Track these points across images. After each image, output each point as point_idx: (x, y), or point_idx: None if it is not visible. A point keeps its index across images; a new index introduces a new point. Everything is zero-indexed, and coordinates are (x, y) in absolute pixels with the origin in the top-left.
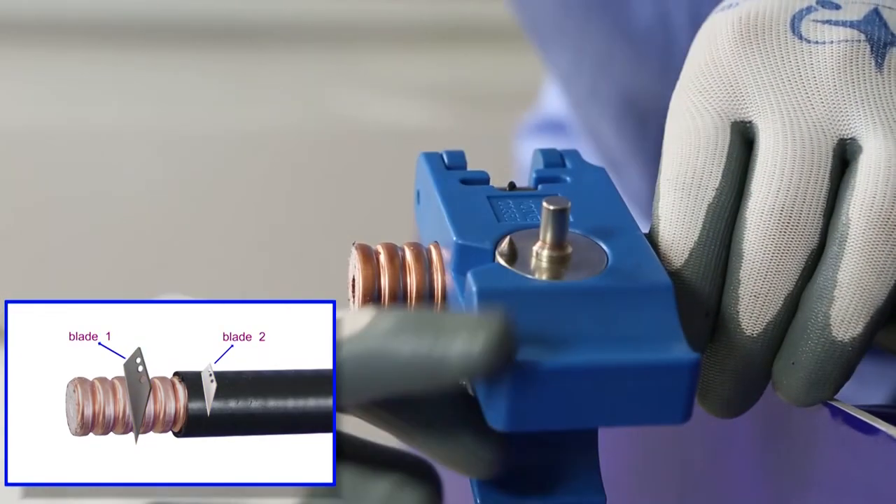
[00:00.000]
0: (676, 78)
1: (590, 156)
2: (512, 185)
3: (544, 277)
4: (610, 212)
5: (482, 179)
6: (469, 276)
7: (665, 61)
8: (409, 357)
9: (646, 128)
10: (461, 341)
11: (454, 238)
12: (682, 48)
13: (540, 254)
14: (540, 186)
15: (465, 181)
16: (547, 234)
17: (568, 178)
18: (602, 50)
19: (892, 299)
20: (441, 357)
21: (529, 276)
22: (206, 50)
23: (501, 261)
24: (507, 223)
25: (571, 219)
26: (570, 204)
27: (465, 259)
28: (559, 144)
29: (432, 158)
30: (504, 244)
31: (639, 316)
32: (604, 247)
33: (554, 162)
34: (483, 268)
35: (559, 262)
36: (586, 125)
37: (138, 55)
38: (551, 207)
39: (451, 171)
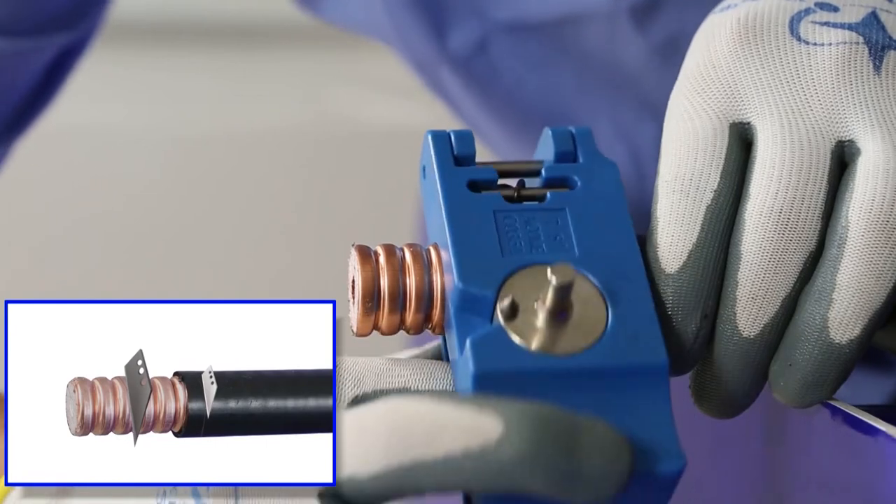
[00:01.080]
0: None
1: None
2: (521, 185)
3: (540, 343)
4: (615, 237)
5: (490, 181)
6: (468, 350)
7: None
8: (542, 489)
9: None
10: (600, 465)
11: (457, 282)
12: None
13: (539, 314)
14: (549, 195)
15: (472, 184)
16: (548, 301)
17: (578, 182)
18: None
19: (890, 301)
20: (576, 485)
21: (525, 349)
22: (206, 50)
23: (501, 319)
24: (512, 258)
25: (577, 251)
26: (574, 277)
27: (466, 303)
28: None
29: (440, 142)
30: (506, 302)
31: (632, 398)
32: (605, 297)
33: (566, 152)
34: (481, 337)
35: (558, 325)
36: None
37: (138, 55)
38: (555, 282)
39: (459, 167)
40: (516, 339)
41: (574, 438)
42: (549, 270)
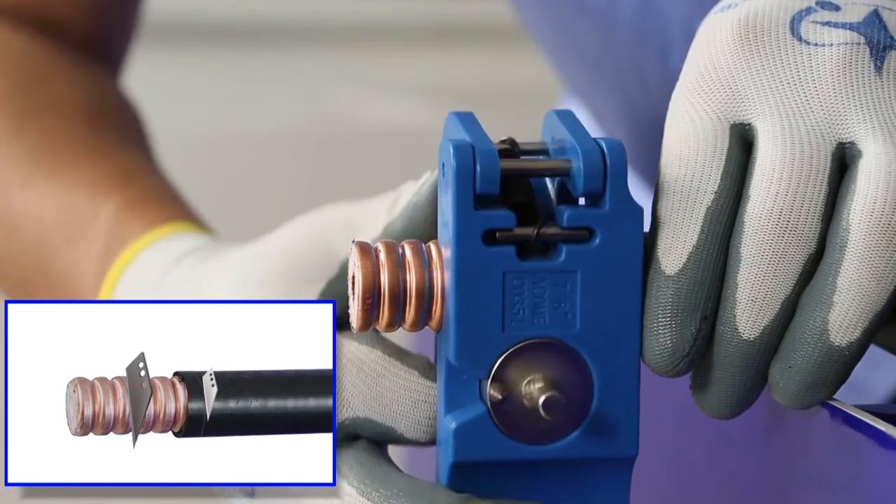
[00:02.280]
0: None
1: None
2: (540, 223)
3: (521, 434)
4: (619, 311)
5: (506, 230)
6: (450, 436)
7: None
8: None
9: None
10: None
11: (451, 358)
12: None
13: (526, 403)
14: (564, 251)
15: (488, 234)
16: (537, 405)
17: (598, 235)
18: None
19: (891, 304)
20: None
21: (508, 438)
22: (207, 50)
23: (489, 402)
24: (512, 333)
25: (578, 325)
26: (563, 402)
27: (457, 379)
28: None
29: (462, 174)
30: (496, 391)
31: (596, 482)
32: (594, 383)
33: (594, 191)
34: (465, 425)
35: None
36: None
37: (138, 55)
38: (543, 413)
39: (477, 211)
40: (500, 426)
41: None
42: (539, 402)
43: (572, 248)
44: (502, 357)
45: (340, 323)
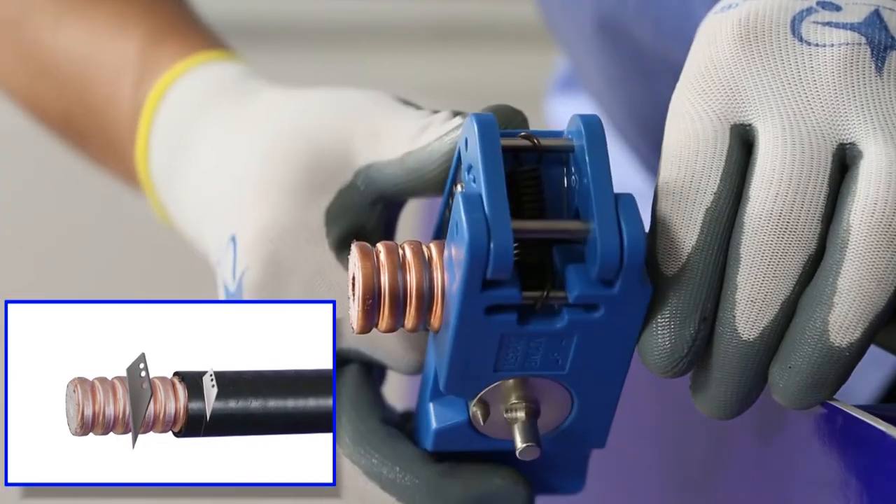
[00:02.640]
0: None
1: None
2: (547, 288)
3: (500, 438)
4: (610, 366)
5: (511, 305)
6: (431, 434)
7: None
8: None
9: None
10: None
11: (441, 388)
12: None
13: (506, 421)
14: (567, 316)
15: (490, 308)
16: (515, 431)
17: (602, 311)
18: None
19: (891, 305)
20: None
21: (485, 438)
22: None
23: (470, 416)
24: (502, 373)
25: (567, 370)
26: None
27: (443, 398)
28: (581, 104)
29: (476, 256)
30: (478, 411)
31: (561, 461)
32: (574, 402)
33: (611, 266)
34: (445, 429)
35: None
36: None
37: None
38: (519, 456)
39: (485, 291)
40: (479, 431)
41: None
42: (517, 448)
43: (575, 314)
44: (489, 387)
45: (347, 237)
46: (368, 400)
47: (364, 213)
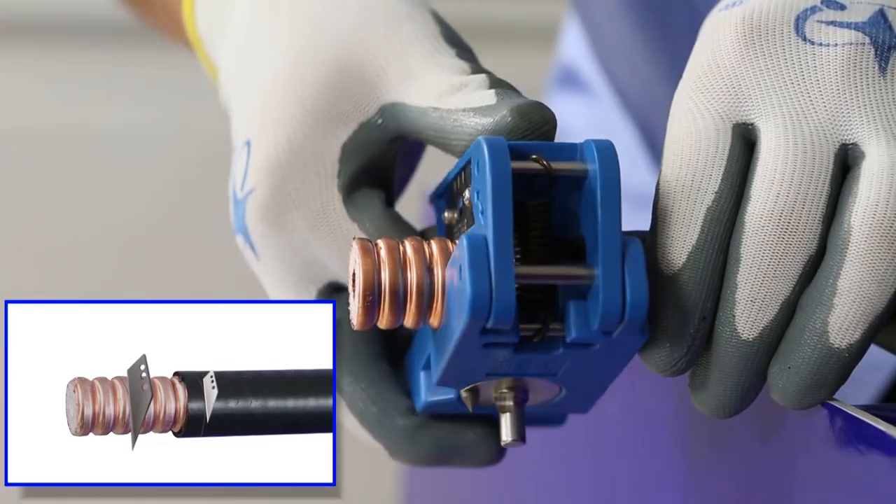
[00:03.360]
0: None
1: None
2: (546, 322)
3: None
4: (601, 374)
5: (507, 343)
6: (422, 406)
7: None
8: None
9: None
10: None
11: (434, 382)
12: None
13: (499, 404)
14: (562, 349)
15: (488, 344)
16: (505, 411)
17: (597, 348)
18: None
19: (892, 306)
20: None
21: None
22: None
23: (460, 398)
24: (497, 376)
25: (558, 376)
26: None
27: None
28: (580, 100)
29: (479, 298)
30: (468, 396)
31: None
32: (563, 389)
33: (612, 322)
34: (433, 403)
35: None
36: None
37: (140, 55)
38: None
39: (485, 334)
40: (467, 407)
41: None
42: (502, 440)
43: (570, 350)
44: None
45: (360, 175)
46: (366, 336)
47: (382, 150)
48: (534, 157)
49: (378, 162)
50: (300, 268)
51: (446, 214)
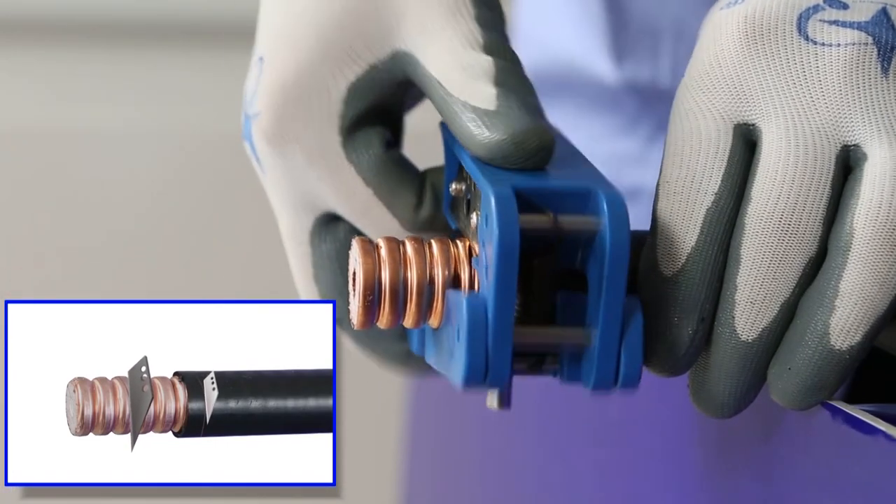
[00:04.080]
0: None
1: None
2: (546, 363)
3: None
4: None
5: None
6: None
7: None
8: None
9: None
10: None
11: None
12: None
13: None
14: (558, 377)
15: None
16: None
17: (592, 375)
18: None
19: (893, 308)
20: None
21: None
22: (208, 49)
23: None
24: None
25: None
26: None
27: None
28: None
29: (475, 337)
30: None
31: None
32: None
33: (605, 387)
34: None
35: None
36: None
37: (139, 55)
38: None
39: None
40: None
41: None
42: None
43: (564, 379)
44: None
45: (364, 117)
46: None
47: (389, 92)
48: (543, 212)
49: (385, 103)
50: (300, 194)
51: (454, 186)
